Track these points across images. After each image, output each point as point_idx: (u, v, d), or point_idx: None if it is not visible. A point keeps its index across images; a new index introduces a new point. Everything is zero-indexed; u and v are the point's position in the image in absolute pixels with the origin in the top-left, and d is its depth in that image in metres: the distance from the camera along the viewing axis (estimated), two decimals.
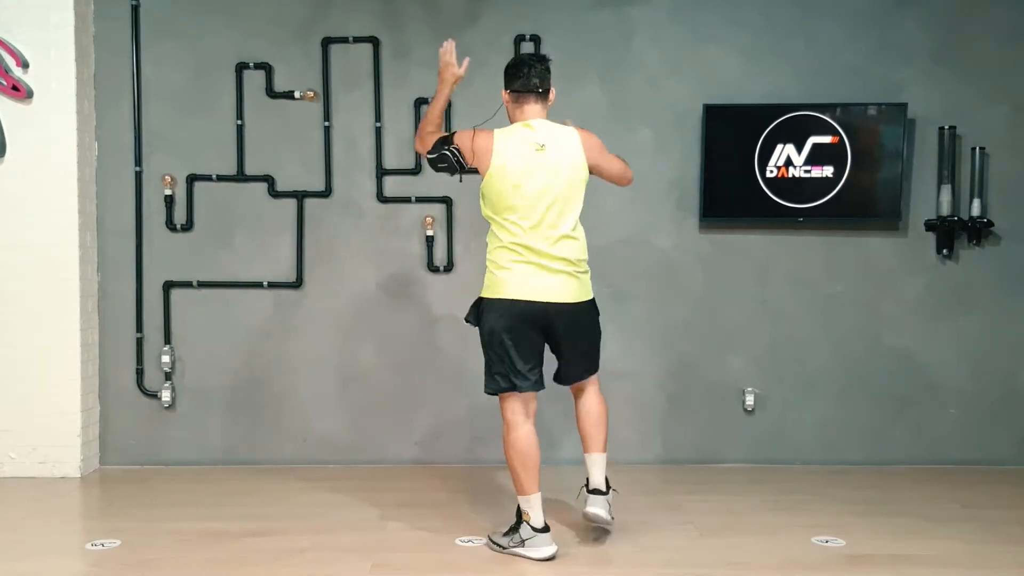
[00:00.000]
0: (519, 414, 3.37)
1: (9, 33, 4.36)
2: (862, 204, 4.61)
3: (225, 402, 4.72)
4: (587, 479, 3.51)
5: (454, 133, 3.44)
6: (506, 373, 3.35)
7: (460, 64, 3.45)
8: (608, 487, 3.51)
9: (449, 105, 4.59)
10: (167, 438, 4.72)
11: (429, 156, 3.44)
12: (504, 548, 3.37)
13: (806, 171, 4.58)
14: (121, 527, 3.68)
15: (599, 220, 4.68)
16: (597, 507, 3.42)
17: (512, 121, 3.44)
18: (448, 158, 3.38)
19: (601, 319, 4.89)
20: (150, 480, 4.46)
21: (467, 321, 3.46)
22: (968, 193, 4.63)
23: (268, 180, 4.67)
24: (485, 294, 3.40)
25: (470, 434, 4.61)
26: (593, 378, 3.59)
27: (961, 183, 4.65)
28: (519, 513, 3.38)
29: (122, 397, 4.70)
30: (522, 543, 3.33)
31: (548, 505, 3.48)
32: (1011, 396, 4.71)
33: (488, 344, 3.37)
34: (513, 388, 3.35)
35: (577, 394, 3.59)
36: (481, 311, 3.40)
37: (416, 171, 4.67)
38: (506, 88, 3.44)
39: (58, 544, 3.55)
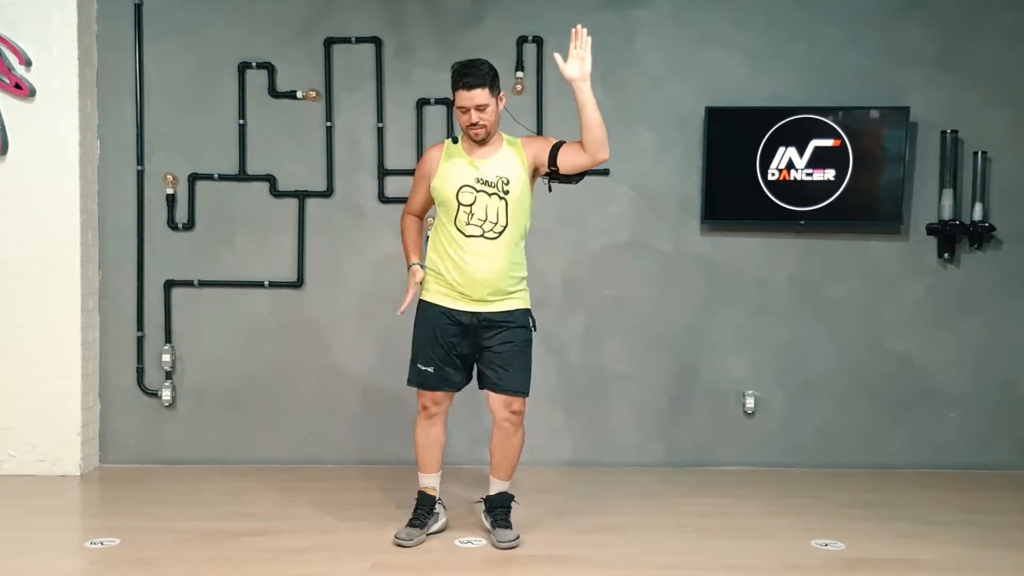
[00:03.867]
0: None
1: (12, 31, 4.36)
2: (864, 208, 4.61)
3: (225, 401, 4.72)
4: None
5: (561, 142, 3.44)
6: None
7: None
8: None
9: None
10: (167, 437, 4.72)
11: (579, 179, 3.52)
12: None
13: (808, 174, 4.58)
14: (120, 526, 3.68)
15: (601, 223, 4.69)
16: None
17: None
18: None
19: (599, 320, 4.90)
20: (150, 479, 4.46)
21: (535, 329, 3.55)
22: (970, 197, 4.63)
23: (270, 180, 4.68)
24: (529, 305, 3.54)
25: (470, 435, 4.61)
26: None
27: (963, 187, 4.65)
28: (511, 500, 3.58)
29: (122, 396, 4.70)
30: None
31: (544, 508, 3.46)
32: (1012, 400, 4.71)
33: None
34: None
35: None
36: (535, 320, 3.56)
37: None
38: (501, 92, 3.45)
39: (57, 542, 3.55)
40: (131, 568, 3.22)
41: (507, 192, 3.34)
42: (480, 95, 3.28)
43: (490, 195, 3.34)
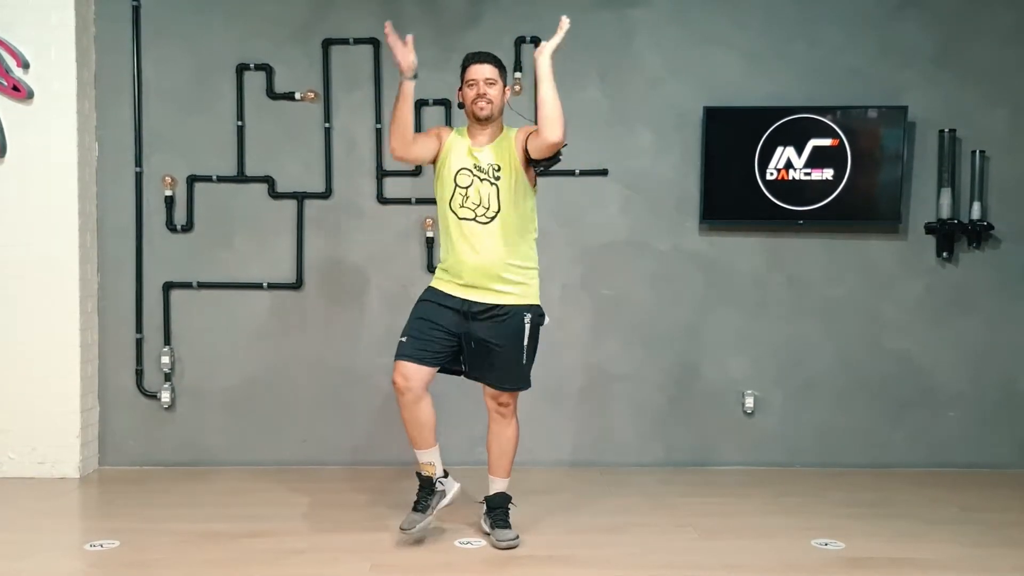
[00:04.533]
0: None
1: (10, 33, 4.36)
2: (862, 207, 4.61)
3: (224, 403, 4.72)
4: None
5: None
6: None
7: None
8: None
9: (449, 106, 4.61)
10: (166, 439, 4.71)
11: (551, 164, 3.41)
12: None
13: (806, 174, 4.58)
14: (120, 527, 3.68)
15: (599, 223, 4.70)
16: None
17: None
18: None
19: (598, 320, 4.90)
20: (149, 480, 4.46)
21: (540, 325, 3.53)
22: (968, 196, 4.64)
23: (268, 181, 4.68)
24: (539, 300, 3.52)
25: (469, 435, 4.60)
26: None
27: (961, 186, 4.65)
28: (508, 500, 3.58)
29: (121, 397, 4.70)
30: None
31: (544, 508, 3.47)
32: (1011, 399, 4.71)
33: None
34: None
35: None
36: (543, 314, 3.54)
37: (416, 173, 4.66)
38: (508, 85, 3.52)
39: (57, 544, 3.55)
40: (131, 570, 3.22)
41: (497, 178, 3.40)
42: (491, 70, 3.40)
43: (482, 180, 3.40)
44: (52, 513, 3.95)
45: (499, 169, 3.40)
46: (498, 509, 3.53)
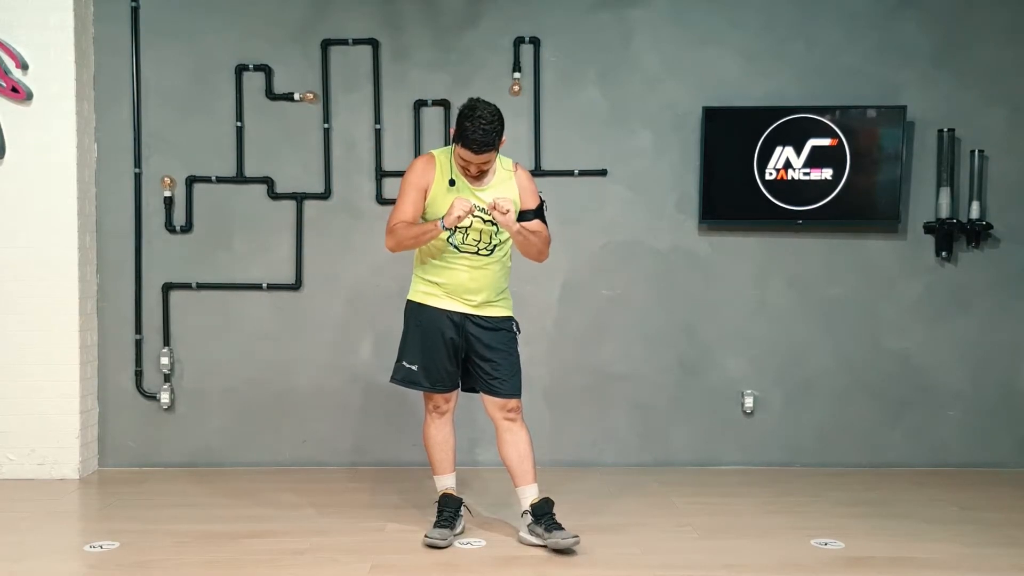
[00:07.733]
0: None
1: (9, 35, 4.36)
2: (861, 206, 4.62)
3: (224, 404, 4.71)
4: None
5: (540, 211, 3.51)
6: None
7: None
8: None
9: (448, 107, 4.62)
10: (166, 440, 4.71)
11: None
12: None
13: (805, 173, 4.59)
14: (120, 529, 3.68)
15: (598, 222, 4.70)
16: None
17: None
18: None
19: (597, 320, 4.88)
20: (149, 482, 4.46)
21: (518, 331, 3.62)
22: (967, 195, 4.64)
23: (267, 182, 4.68)
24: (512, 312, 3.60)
25: (468, 436, 4.60)
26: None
27: (960, 186, 4.66)
28: (553, 504, 3.50)
29: (121, 398, 4.70)
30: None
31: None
32: (1010, 398, 4.72)
33: None
34: None
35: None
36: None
37: None
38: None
39: (56, 546, 3.54)
40: (130, 571, 3.21)
41: None
42: (488, 157, 3.30)
43: (485, 221, 3.39)
44: (51, 514, 3.94)
45: (505, 212, 3.35)
46: (546, 515, 3.46)
